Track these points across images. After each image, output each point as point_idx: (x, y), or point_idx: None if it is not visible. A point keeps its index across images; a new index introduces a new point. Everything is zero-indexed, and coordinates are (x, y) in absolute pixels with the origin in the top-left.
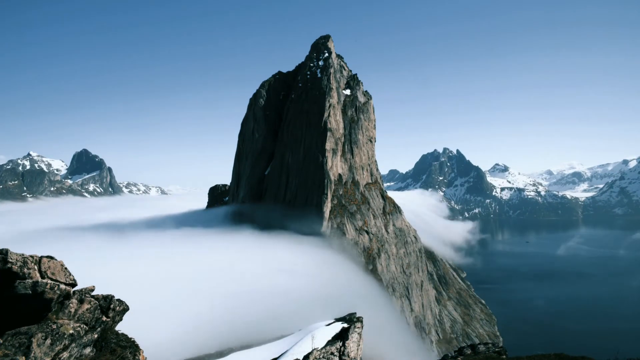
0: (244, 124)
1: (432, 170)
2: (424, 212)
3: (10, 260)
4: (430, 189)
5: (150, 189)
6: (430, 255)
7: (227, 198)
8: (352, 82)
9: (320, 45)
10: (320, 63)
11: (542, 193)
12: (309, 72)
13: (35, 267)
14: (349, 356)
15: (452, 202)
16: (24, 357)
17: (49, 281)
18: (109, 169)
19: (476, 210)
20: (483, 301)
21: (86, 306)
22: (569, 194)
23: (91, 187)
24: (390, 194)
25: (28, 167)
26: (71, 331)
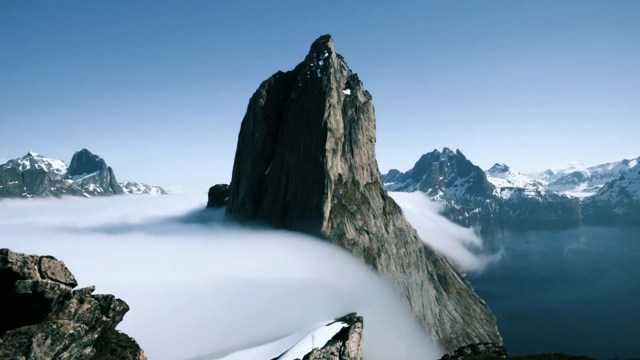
0: (244, 124)
1: (432, 170)
2: (424, 212)
3: (10, 260)
4: (430, 189)
5: (150, 188)
6: (430, 255)
7: (227, 198)
8: (352, 82)
9: (320, 45)
10: (321, 63)
11: (542, 193)
12: (309, 72)
13: (35, 267)
14: (349, 356)
15: (452, 202)
16: (24, 357)
17: (49, 281)
18: (109, 169)
19: (476, 210)
20: (483, 301)
21: (86, 306)
22: (569, 193)
23: (91, 187)
24: (391, 193)
25: (28, 167)
26: (71, 331)
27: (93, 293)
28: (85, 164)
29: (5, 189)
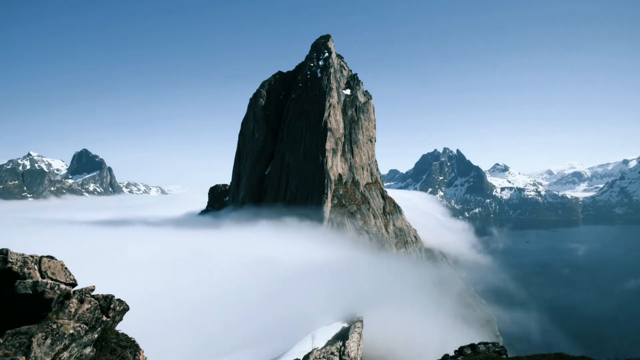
0: (244, 123)
1: (432, 170)
2: (424, 212)
3: (10, 260)
4: (430, 189)
5: (150, 188)
6: (430, 255)
7: (227, 198)
8: (352, 81)
9: (321, 45)
10: (321, 63)
11: (542, 193)
12: (309, 72)
13: (35, 267)
14: (349, 356)
15: (452, 201)
16: (24, 357)
17: (49, 281)
18: (109, 169)
19: (476, 210)
20: (483, 301)
21: (86, 306)
22: (569, 193)
23: (91, 187)
24: (391, 193)
25: (28, 167)
26: (71, 331)
27: (93, 293)
28: (86, 164)
29: (5, 189)
